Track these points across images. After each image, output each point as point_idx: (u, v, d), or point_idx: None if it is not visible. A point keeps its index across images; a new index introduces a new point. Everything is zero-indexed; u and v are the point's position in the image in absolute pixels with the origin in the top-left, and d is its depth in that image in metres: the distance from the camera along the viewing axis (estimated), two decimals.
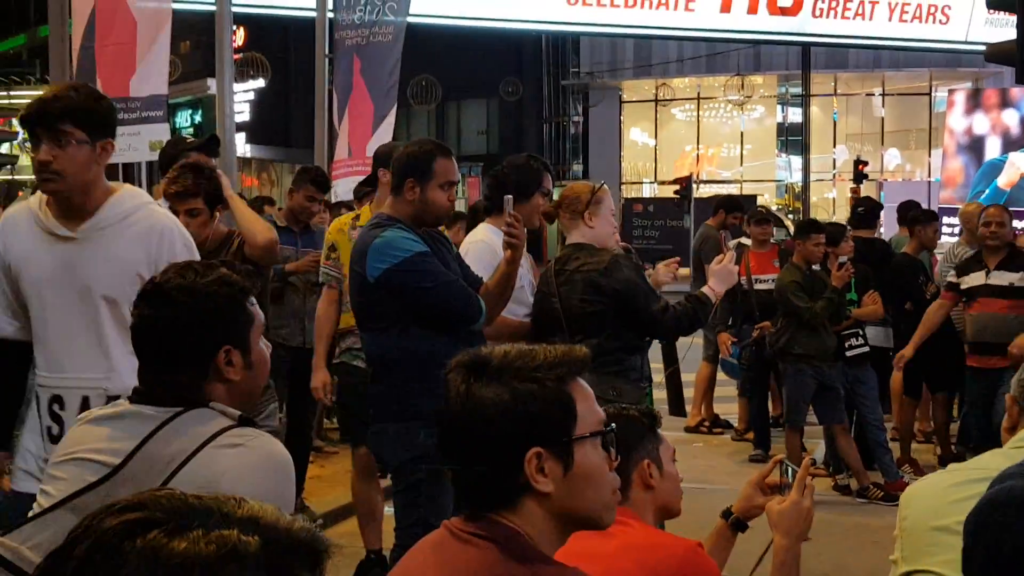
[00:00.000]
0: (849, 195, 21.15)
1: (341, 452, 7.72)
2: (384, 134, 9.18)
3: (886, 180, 25.85)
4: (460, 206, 16.66)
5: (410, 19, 12.38)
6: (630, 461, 2.35)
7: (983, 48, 9.86)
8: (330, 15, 9.63)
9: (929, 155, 25.87)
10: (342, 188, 8.90)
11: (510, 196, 3.92)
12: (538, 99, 27.07)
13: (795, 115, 27.57)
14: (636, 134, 29.11)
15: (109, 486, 1.93)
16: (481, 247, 4.15)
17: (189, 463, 1.92)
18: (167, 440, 1.95)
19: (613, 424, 1.74)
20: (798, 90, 26.15)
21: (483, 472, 1.64)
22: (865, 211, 8.51)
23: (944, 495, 2.10)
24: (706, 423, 9.08)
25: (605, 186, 4.40)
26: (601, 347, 3.91)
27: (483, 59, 23.73)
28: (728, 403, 9.20)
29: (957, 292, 6.81)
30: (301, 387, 5.38)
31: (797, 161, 26.98)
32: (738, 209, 9.14)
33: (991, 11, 10.78)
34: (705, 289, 4.14)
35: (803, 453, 7.30)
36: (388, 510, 4.89)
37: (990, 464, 1.99)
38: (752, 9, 17.54)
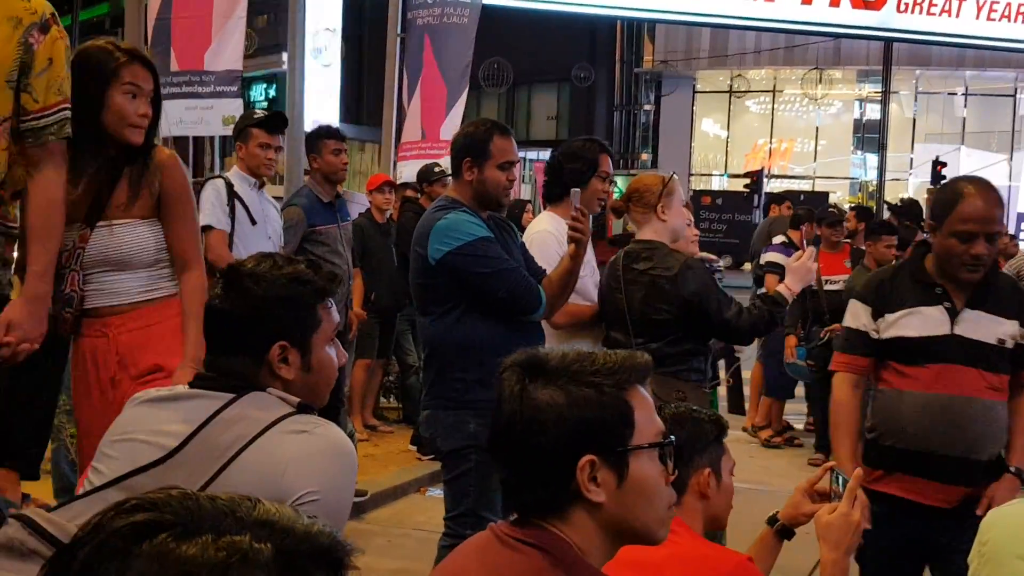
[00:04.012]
0: (926, 196, 20.74)
1: (397, 432, 7.74)
2: (456, 116, 9.16)
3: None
4: (527, 192, 16.64)
5: (485, 0, 12.35)
6: (691, 466, 2.29)
7: None
8: None
9: (1011, 158, 25.25)
10: (409, 170, 8.89)
11: (577, 190, 3.85)
12: (610, 86, 26.87)
13: (873, 111, 27.07)
14: (708, 125, 28.80)
15: (163, 469, 1.92)
16: (545, 236, 4.09)
17: (250, 448, 1.90)
18: (226, 425, 1.93)
19: (674, 436, 1.68)
20: (877, 86, 25.66)
21: (533, 477, 1.58)
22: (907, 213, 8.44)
23: None
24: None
25: (676, 177, 4.29)
26: (664, 350, 3.84)
27: (556, 43, 23.60)
28: (790, 404, 9.06)
29: None
30: None
31: (872, 159, 26.51)
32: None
33: None
34: (781, 288, 4.03)
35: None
36: (437, 493, 4.88)
37: None
38: (834, 2, 17.21)
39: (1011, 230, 10.68)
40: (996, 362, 3.19)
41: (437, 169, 7.71)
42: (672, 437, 1.66)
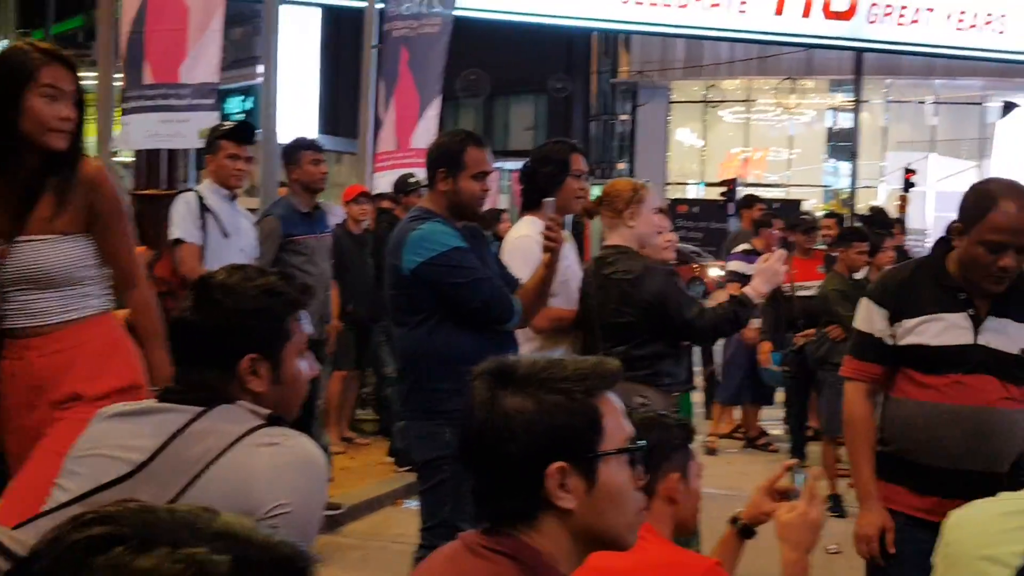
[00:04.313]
0: (897, 203, 20.89)
1: (373, 444, 7.72)
2: (428, 125, 9.18)
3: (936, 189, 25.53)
4: (505, 202, 16.65)
5: (460, 12, 12.38)
6: (659, 471, 2.30)
7: None
8: (379, 5, 9.62)
9: (980, 166, 25.47)
10: (386, 181, 8.89)
11: (551, 200, 3.88)
12: (586, 96, 26.96)
13: (845, 120, 27.26)
14: (684, 134, 28.91)
15: (131, 484, 1.90)
16: (527, 242, 4.10)
17: (220, 461, 1.89)
18: (195, 438, 1.92)
19: (643, 441, 1.69)
20: (849, 96, 25.84)
21: (503, 485, 1.59)
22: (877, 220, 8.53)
23: (993, 523, 2.02)
24: (741, 430, 9.00)
25: (648, 184, 4.33)
26: (630, 354, 3.87)
27: (533, 55, 23.65)
28: (771, 408, 9.10)
29: None
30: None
31: (845, 167, 26.68)
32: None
33: None
34: (747, 289, 4.06)
35: (838, 464, 7.21)
36: (414, 504, 4.88)
37: None
38: (806, 12, 17.35)
39: None
40: (1018, 372, 3.00)
41: (412, 180, 7.72)
42: (642, 442, 1.67)
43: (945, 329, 3.00)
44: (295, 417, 2.10)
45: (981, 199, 2.91)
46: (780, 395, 8.70)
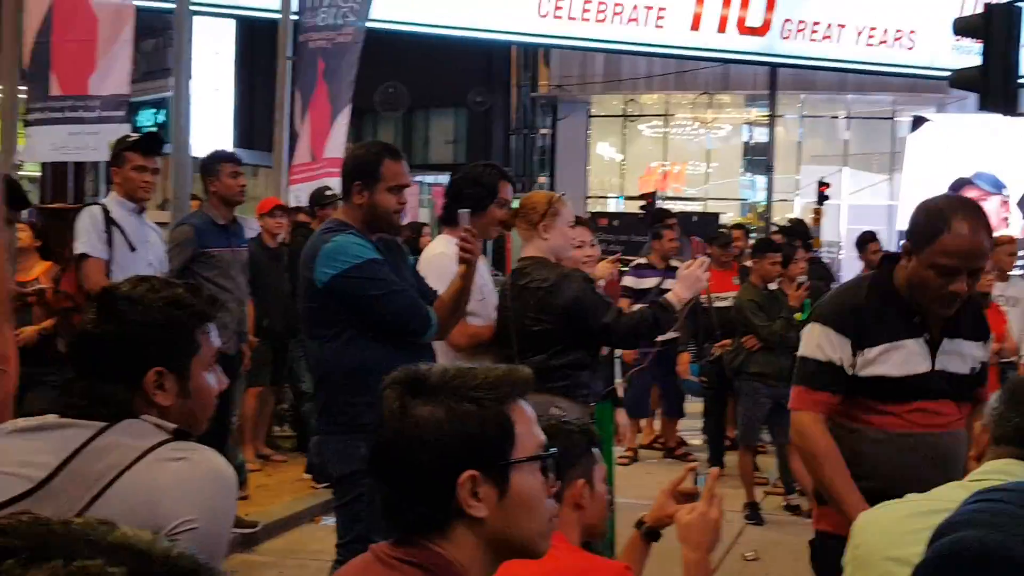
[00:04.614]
0: (812, 216, 21.30)
1: (290, 460, 7.61)
2: (339, 134, 9.13)
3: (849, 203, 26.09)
4: (426, 215, 16.60)
5: (378, 25, 12.33)
6: (565, 477, 2.30)
7: (948, 74, 9.95)
8: (294, 17, 9.54)
9: (891, 179, 26.09)
10: (303, 193, 8.80)
11: (466, 211, 3.87)
12: (507, 110, 27.04)
13: (760, 134, 27.73)
14: (604, 148, 29.14)
15: (31, 502, 1.83)
16: (442, 259, 4.10)
17: (124, 477, 1.84)
18: (98, 454, 1.86)
19: (554, 448, 1.68)
20: (764, 110, 26.30)
21: (414, 495, 1.57)
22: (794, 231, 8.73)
23: (900, 525, 2.05)
24: (661, 440, 9.06)
25: (563, 198, 4.35)
26: (547, 364, 3.87)
27: (453, 68, 23.66)
28: (691, 419, 9.18)
29: None
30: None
31: (761, 180, 27.12)
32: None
33: (957, 38, 10.87)
34: (670, 295, 4.10)
35: (756, 473, 7.30)
36: (332, 521, 4.81)
37: (949, 496, 1.93)
38: (721, 28, 17.60)
39: (892, 248, 11.05)
40: (967, 391, 2.96)
41: (328, 192, 7.65)
42: (554, 449, 1.66)
43: (905, 358, 2.88)
44: (203, 432, 2.07)
45: (932, 220, 2.76)
46: (699, 406, 8.79)
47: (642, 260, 8.41)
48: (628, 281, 8.28)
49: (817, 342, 2.94)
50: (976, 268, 2.77)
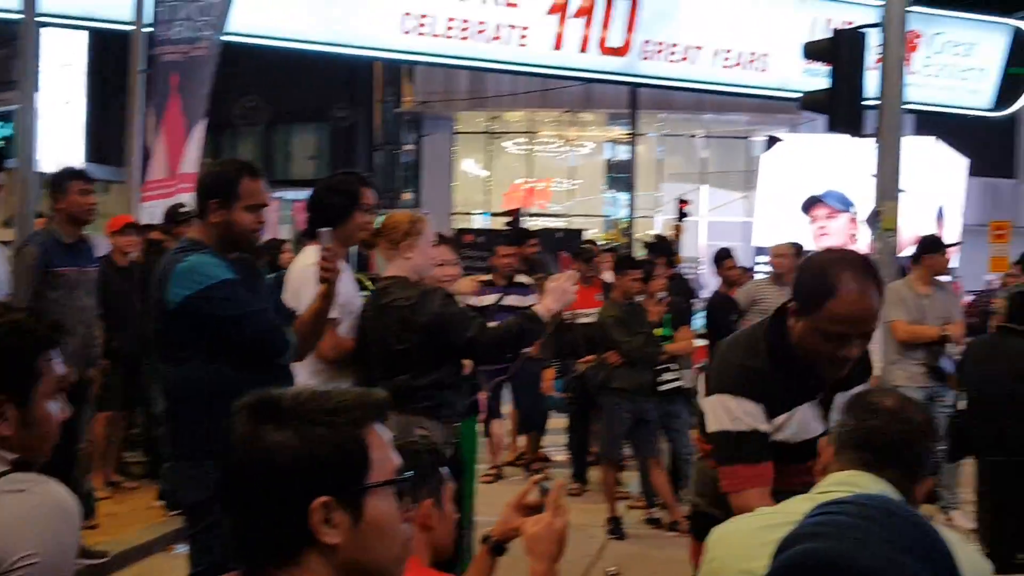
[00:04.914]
0: (672, 232, 21.77)
1: (142, 487, 7.36)
2: (194, 149, 8.91)
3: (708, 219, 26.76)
4: (286, 232, 16.34)
5: (238, 39, 12.10)
6: (413, 499, 2.27)
7: (799, 96, 10.29)
8: (147, 29, 9.28)
9: (747, 196, 26.88)
10: (158, 209, 8.55)
11: (327, 230, 3.81)
12: (370, 126, 26.89)
13: (622, 152, 28.24)
14: (468, 165, 29.21)
15: None
16: (314, 271, 4.00)
17: None
18: None
19: (410, 471, 1.65)
20: (626, 129, 26.80)
21: (265, 522, 1.51)
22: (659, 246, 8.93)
23: (753, 537, 2.08)
24: (526, 457, 9.08)
25: (425, 217, 4.34)
26: (412, 384, 3.84)
27: (315, 83, 23.38)
28: (555, 435, 9.23)
29: None
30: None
31: (624, 197, 27.61)
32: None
33: (807, 61, 11.26)
34: (537, 307, 4.11)
35: (618, 487, 7.38)
36: (184, 550, 4.66)
37: (795, 509, 1.97)
38: (583, 48, 17.87)
39: (747, 263, 11.37)
40: None
41: (183, 210, 7.45)
42: (410, 473, 1.63)
43: (802, 423, 2.75)
44: (46, 461, 1.99)
45: (819, 283, 2.58)
46: (563, 422, 8.85)
47: (484, 277, 8.45)
48: (470, 299, 8.29)
49: (734, 414, 2.71)
50: (867, 331, 2.62)
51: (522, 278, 8.33)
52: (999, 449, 6.50)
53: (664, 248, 9.77)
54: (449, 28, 16.83)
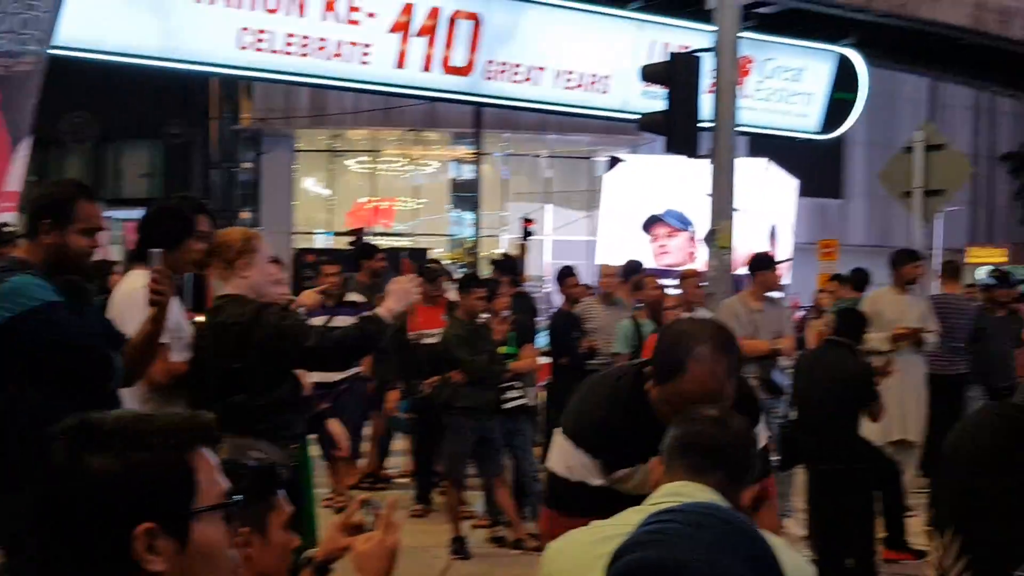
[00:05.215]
0: (517, 251, 21.96)
1: None
2: (19, 167, 8.50)
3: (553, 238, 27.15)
4: (117, 253, 15.75)
5: (64, 52, 11.61)
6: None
7: (638, 117, 10.53)
8: None
9: (590, 216, 27.38)
10: None
11: (157, 251, 3.69)
12: (207, 143, 26.27)
13: (467, 172, 28.39)
14: (310, 183, 28.86)
15: None
16: (142, 294, 3.85)
17: None
18: None
19: (239, 496, 1.60)
20: (471, 148, 26.96)
21: (85, 552, 1.45)
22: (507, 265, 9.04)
23: (588, 550, 2.09)
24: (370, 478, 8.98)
25: (259, 234, 4.26)
26: (250, 404, 3.74)
27: (149, 99, 22.73)
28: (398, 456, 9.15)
29: None
30: None
31: (469, 217, 27.74)
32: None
33: (646, 84, 11.54)
34: (379, 309, 4.06)
35: (462, 507, 7.36)
36: None
37: (628, 520, 1.99)
38: (426, 67, 17.87)
39: (591, 281, 11.54)
40: None
41: (7, 229, 7.09)
42: (239, 497, 1.59)
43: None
44: None
45: (671, 356, 2.59)
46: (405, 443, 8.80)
47: (358, 297, 8.34)
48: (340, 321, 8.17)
49: (569, 463, 2.72)
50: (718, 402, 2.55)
51: (353, 296, 8.21)
52: (824, 458, 6.78)
53: (510, 266, 9.85)
54: (288, 44, 16.57)
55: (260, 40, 16.27)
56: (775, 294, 8.25)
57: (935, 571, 1.42)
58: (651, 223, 16.54)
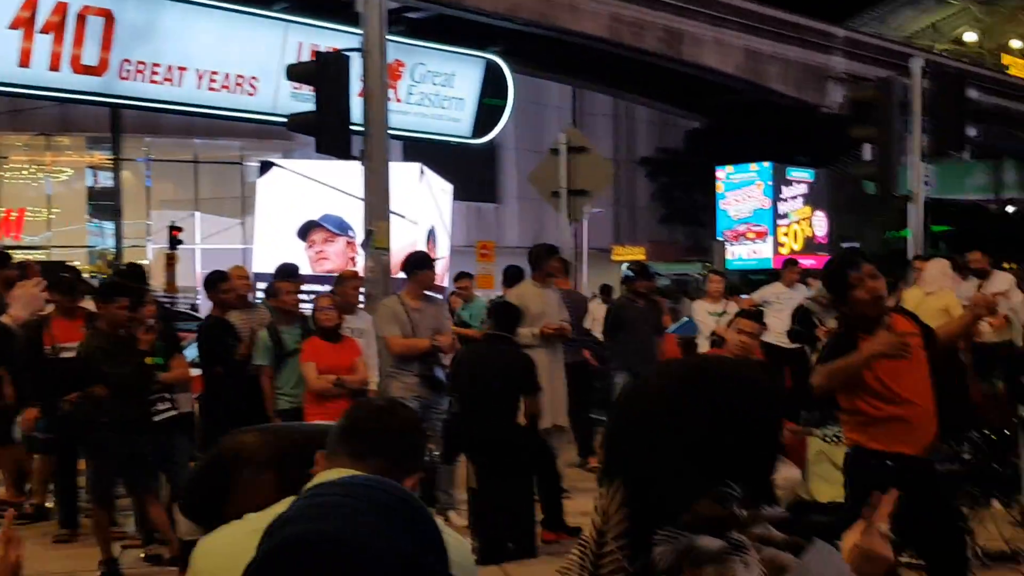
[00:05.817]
0: (165, 261, 21.04)
1: None
2: None
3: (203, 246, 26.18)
4: None
5: None
6: None
7: (287, 118, 10.31)
8: None
9: (243, 222, 26.68)
10: None
11: None
12: None
13: (106, 178, 26.86)
14: None
15: None
16: None
17: None
18: None
19: None
20: (108, 153, 25.51)
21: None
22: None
23: (240, 543, 1.94)
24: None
25: None
26: None
27: None
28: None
29: None
30: None
31: (110, 226, 26.27)
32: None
33: (296, 85, 11.35)
34: (3, 317, 3.71)
35: (112, 528, 6.94)
36: None
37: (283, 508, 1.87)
38: (54, 66, 16.66)
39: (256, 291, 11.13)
40: None
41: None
42: None
43: None
44: None
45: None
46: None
47: None
48: None
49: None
50: None
51: None
52: (484, 449, 6.93)
53: (138, 275, 9.31)
54: None
55: None
56: (433, 293, 8.34)
57: (599, 517, 1.42)
58: (308, 228, 16.27)
